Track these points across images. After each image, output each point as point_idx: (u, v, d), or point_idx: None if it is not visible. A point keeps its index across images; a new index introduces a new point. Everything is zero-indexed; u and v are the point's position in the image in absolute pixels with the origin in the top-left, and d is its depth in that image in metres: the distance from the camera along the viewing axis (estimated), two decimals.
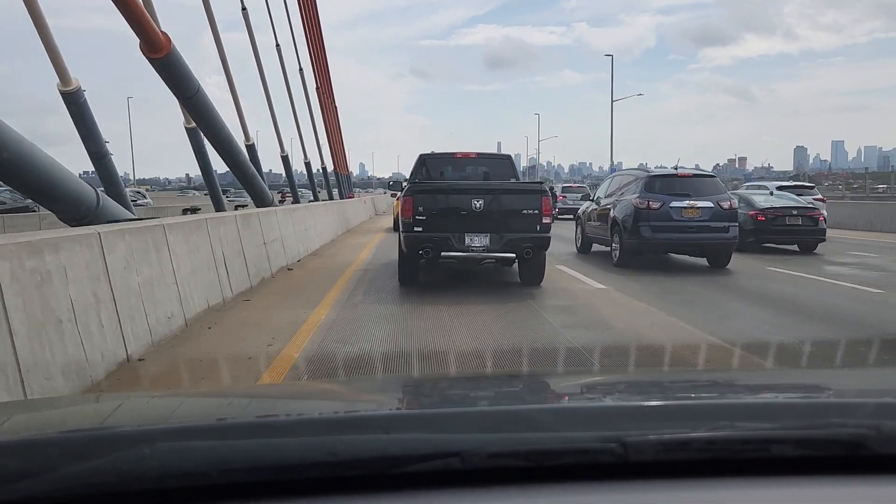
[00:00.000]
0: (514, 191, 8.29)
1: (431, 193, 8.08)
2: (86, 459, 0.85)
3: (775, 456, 0.93)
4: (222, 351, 5.27)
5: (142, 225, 5.82)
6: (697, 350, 5.21)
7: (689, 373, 3.38)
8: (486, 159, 10.56)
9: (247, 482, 0.85)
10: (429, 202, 7.96)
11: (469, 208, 7.87)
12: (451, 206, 7.98)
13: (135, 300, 5.08)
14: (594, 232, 12.44)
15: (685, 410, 1.11)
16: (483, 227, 7.90)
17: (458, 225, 7.90)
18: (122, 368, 4.60)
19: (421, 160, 10.37)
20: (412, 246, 7.96)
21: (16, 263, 3.69)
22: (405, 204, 7.99)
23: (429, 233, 7.88)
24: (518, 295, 8.02)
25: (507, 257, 8.22)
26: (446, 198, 8.05)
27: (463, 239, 7.90)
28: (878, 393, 1.34)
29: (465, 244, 7.90)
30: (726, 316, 6.96)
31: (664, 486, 0.89)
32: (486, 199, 7.90)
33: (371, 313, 6.77)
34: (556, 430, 0.96)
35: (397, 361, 5.02)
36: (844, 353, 4.92)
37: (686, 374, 3.19)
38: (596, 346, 5.28)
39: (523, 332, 5.90)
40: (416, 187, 8.17)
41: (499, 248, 7.96)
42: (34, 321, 3.74)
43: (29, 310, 3.71)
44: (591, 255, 12.68)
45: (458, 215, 7.92)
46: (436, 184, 8.82)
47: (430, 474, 0.87)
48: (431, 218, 7.91)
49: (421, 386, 1.65)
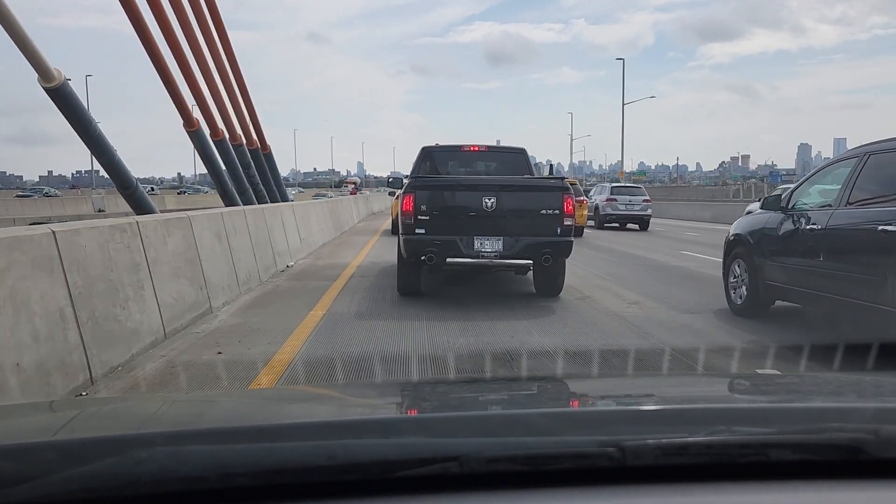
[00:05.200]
0: (531, 187, 7.36)
1: (435, 190, 7.15)
2: (83, 463, 0.85)
3: (773, 460, 0.93)
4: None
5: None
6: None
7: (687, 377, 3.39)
8: (497, 153, 9.43)
9: (245, 486, 0.85)
10: (432, 200, 7.04)
11: (479, 207, 6.96)
12: (459, 205, 7.09)
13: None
14: (797, 276, 5.84)
15: (683, 415, 1.11)
16: (495, 229, 6.99)
17: (466, 226, 6.99)
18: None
19: (424, 153, 9.20)
20: (413, 250, 7.07)
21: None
22: (405, 202, 7.08)
23: (432, 235, 6.97)
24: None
25: (523, 264, 7.33)
26: (453, 195, 7.15)
27: (472, 243, 6.99)
28: (876, 398, 1.35)
29: (475, 249, 6.99)
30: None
31: (662, 490, 0.89)
32: (498, 196, 6.97)
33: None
34: (555, 434, 0.96)
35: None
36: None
37: (684, 378, 3.19)
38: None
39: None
40: (418, 182, 7.23)
41: (513, 254, 7.03)
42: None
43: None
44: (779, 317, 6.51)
45: (466, 215, 7.01)
46: (440, 179, 7.84)
47: (428, 478, 0.87)
48: (435, 218, 7.00)
49: (419, 390, 1.65)
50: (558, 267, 7.46)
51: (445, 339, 5.52)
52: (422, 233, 7.00)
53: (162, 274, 5.67)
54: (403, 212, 7.11)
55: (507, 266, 7.48)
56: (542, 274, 7.64)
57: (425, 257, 7.02)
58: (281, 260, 10.05)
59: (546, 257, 7.03)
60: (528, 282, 8.41)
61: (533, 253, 7.04)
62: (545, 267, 7.25)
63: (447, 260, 7.04)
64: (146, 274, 5.37)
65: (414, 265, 7.35)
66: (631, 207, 22.06)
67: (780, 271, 6.06)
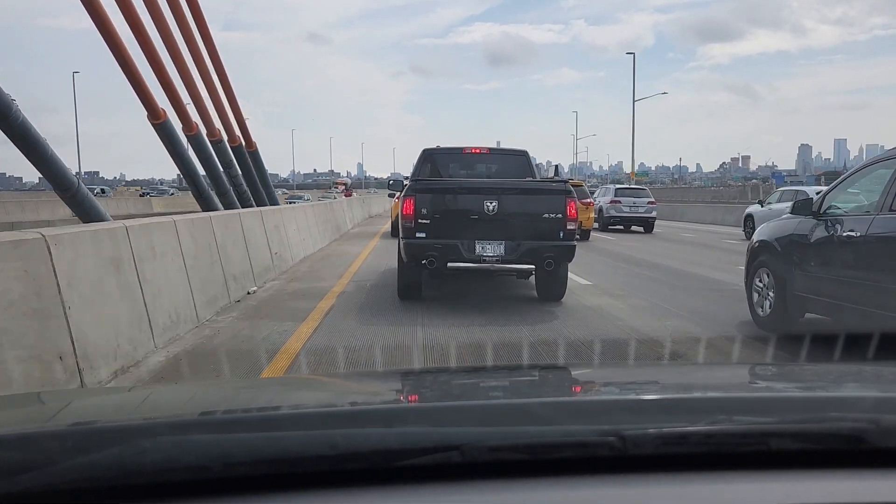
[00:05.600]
0: (533, 191, 7.27)
1: (437, 193, 7.10)
2: (86, 453, 0.85)
3: (774, 450, 0.93)
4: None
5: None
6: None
7: (687, 366, 3.39)
8: (499, 155, 9.38)
9: (247, 475, 0.85)
10: (433, 203, 7.00)
11: (480, 211, 6.91)
12: (460, 209, 7.04)
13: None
14: (831, 288, 5.33)
15: (684, 404, 1.11)
16: (497, 233, 6.92)
17: (467, 230, 6.93)
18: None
19: (424, 155, 9.18)
20: (414, 254, 7.01)
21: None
22: (406, 205, 7.04)
23: (433, 239, 6.92)
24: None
25: (525, 269, 7.28)
26: (454, 198, 7.10)
27: (473, 247, 6.91)
28: (876, 387, 1.35)
29: (476, 253, 6.92)
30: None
31: (663, 479, 0.89)
32: (500, 200, 6.93)
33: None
34: (556, 423, 0.96)
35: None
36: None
37: (685, 367, 3.20)
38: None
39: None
40: (419, 186, 7.19)
41: (515, 259, 6.97)
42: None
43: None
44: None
45: (467, 219, 6.96)
46: (442, 182, 7.81)
47: (430, 468, 0.87)
48: (436, 222, 6.95)
49: (421, 379, 1.65)
50: (561, 271, 7.39)
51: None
52: (422, 236, 6.93)
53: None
54: (404, 215, 7.04)
55: (508, 271, 7.41)
56: (545, 278, 7.56)
57: (426, 261, 6.94)
58: (238, 285, 7.71)
59: (548, 262, 6.95)
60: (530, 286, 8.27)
61: (535, 257, 6.97)
62: (547, 271, 7.16)
63: (448, 264, 6.96)
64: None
65: (414, 269, 7.26)
66: (635, 209, 21.44)
67: (812, 281, 5.53)
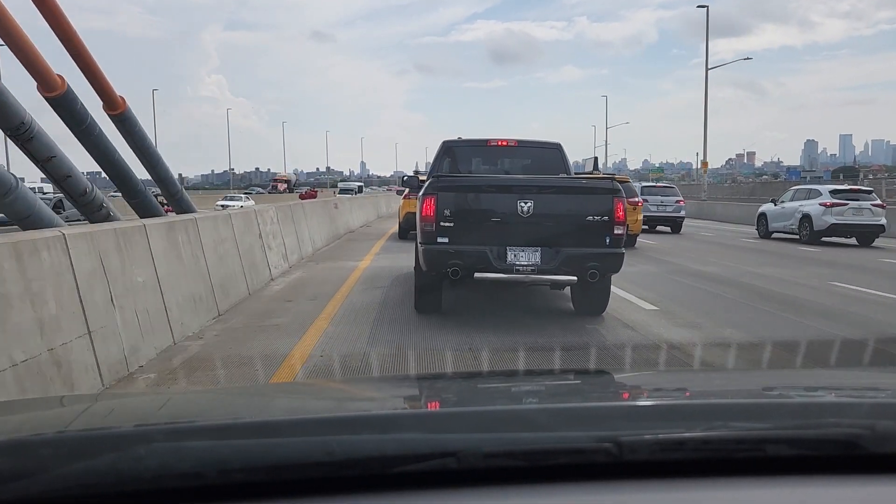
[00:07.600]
0: (576, 189, 6.27)
1: (462, 191, 6.12)
2: (81, 459, 0.85)
3: (770, 456, 0.93)
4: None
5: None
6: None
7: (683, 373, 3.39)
8: (529, 148, 8.27)
9: (243, 482, 0.85)
10: (458, 203, 6.02)
11: (513, 213, 5.91)
12: (489, 210, 6.07)
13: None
14: None
15: (680, 410, 1.11)
16: (532, 238, 5.95)
17: (497, 235, 5.97)
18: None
19: (444, 148, 8.18)
20: (434, 263, 6.04)
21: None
22: (426, 205, 6.03)
23: (457, 245, 5.95)
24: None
25: (565, 280, 6.17)
26: (482, 198, 6.13)
27: (504, 254, 5.94)
28: (872, 392, 1.35)
29: (508, 262, 5.94)
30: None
31: (659, 485, 0.89)
32: (536, 200, 5.91)
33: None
34: (552, 429, 0.96)
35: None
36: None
37: (681, 373, 3.20)
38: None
39: None
40: (442, 183, 6.17)
41: (553, 268, 5.96)
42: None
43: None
44: None
45: (497, 222, 6.01)
46: (468, 178, 6.76)
47: (426, 474, 0.87)
48: (461, 225, 5.97)
49: (417, 386, 1.65)
50: (605, 283, 6.37)
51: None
52: (445, 242, 5.97)
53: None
54: (423, 217, 6.07)
55: (544, 282, 6.37)
56: (585, 290, 6.46)
57: (449, 271, 5.96)
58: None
59: (592, 272, 5.93)
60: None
61: (576, 267, 5.97)
62: (590, 283, 6.08)
63: (475, 275, 5.99)
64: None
65: (435, 280, 6.34)
66: (663, 209, 19.92)
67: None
